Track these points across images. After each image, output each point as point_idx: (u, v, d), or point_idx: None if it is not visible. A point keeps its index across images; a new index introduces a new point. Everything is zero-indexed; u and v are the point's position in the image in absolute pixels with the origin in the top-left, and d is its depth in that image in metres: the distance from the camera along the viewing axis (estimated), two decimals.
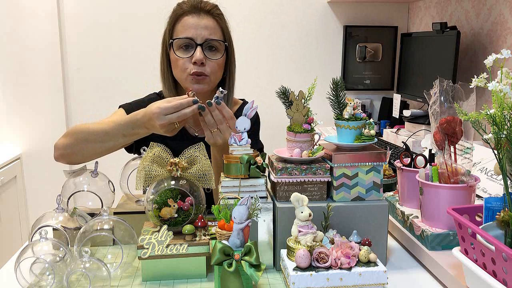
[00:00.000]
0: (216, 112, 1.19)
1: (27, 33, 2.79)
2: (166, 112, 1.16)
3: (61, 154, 1.35)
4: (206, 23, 1.37)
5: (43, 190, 2.87)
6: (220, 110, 1.19)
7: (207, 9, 1.38)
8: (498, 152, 0.92)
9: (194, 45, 1.35)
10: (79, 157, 1.35)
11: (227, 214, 1.00)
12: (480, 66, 2.29)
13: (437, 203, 1.16)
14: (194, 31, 1.35)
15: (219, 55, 1.39)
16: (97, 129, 1.30)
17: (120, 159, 1.44)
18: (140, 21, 2.85)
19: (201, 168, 1.12)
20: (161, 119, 1.16)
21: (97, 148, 1.31)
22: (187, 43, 1.36)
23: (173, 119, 1.17)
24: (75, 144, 1.32)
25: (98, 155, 1.34)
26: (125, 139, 1.28)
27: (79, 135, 1.32)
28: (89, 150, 1.32)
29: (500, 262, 0.83)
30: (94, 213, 1.27)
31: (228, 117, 1.20)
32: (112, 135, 1.27)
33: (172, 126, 1.19)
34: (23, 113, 2.87)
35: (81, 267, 1.00)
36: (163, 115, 1.16)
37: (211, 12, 1.39)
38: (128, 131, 1.25)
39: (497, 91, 0.88)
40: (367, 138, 1.11)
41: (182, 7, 1.39)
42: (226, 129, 1.20)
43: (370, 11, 3.04)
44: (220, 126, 1.20)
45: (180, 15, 1.38)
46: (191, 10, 1.37)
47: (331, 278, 0.94)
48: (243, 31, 2.94)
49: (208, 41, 1.36)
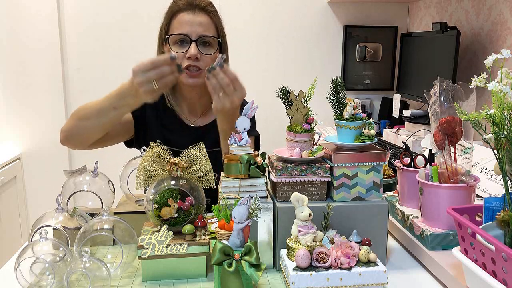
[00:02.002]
0: (221, 75, 1.21)
1: (27, 33, 2.79)
2: (143, 68, 1.17)
3: (64, 136, 1.39)
4: (201, 20, 1.40)
5: (43, 190, 2.87)
6: (224, 72, 1.21)
7: (202, 6, 1.42)
8: (498, 152, 0.92)
9: (189, 41, 1.38)
10: (80, 137, 1.37)
11: (227, 214, 1.00)
12: (480, 66, 2.29)
13: (437, 203, 1.16)
14: (189, 28, 1.38)
15: (212, 51, 1.42)
16: (91, 106, 1.32)
17: (120, 159, 1.45)
18: (140, 21, 2.85)
19: (201, 168, 1.12)
20: (139, 76, 1.17)
21: (93, 125, 1.32)
22: (182, 39, 1.40)
23: (151, 77, 1.17)
24: (74, 124, 1.36)
25: (96, 133, 1.35)
26: (116, 112, 1.29)
27: (78, 114, 1.35)
28: (87, 128, 1.34)
29: (500, 262, 0.83)
30: (94, 213, 1.27)
31: (232, 78, 1.22)
32: (104, 109, 1.29)
33: (151, 87, 1.17)
34: (23, 113, 2.87)
35: (81, 267, 1.00)
36: (141, 72, 1.17)
37: (205, 9, 1.42)
38: (118, 102, 1.26)
39: (497, 91, 0.88)
40: (367, 138, 1.11)
41: (178, 4, 1.42)
42: (232, 91, 1.22)
43: (370, 11, 3.04)
44: (226, 89, 1.22)
45: (176, 12, 1.42)
46: (187, 7, 1.41)
47: (331, 278, 0.94)
48: (243, 31, 2.94)
49: (202, 37, 1.39)
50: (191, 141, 1.21)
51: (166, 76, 1.18)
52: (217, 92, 1.21)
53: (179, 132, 1.51)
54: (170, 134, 1.52)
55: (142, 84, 1.17)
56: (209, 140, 1.38)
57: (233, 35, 1.49)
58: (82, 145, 1.40)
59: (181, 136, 1.51)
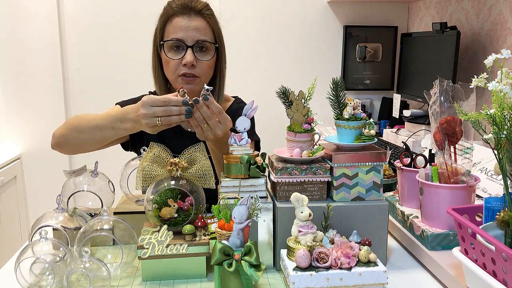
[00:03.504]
0: (204, 108, 1.17)
1: (27, 33, 2.79)
2: (154, 103, 1.15)
3: (56, 142, 1.39)
4: (197, 24, 1.37)
5: (43, 190, 2.87)
6: (208, 106, 1.18)
7: (198, 9, 1.38)
8: (498, 152, 0.92)
9: (184, 47, 1.36)
10: (71, 147, 1.37)
11: (227, 214, 1.00)
12: (480, 66, 2.29)
13: (437, 203, 1.16)
14: (185, 33, 1.35)
15: (209, 56, 1.39)
16: (89, 119, 1.31)
17: (120, 159, 1.45)
18: (140, 21, 2.85)
19: (201, 168, 1.12)
20: (147, 109, 1.15)
21: (86, 139, 1.32)
22: (177, 44, 1.37)
23: (158, 112, 1.15)
24: (68, 133, 1.35)
25: (89, 146, 1.35)
26: (113, 132, 1.27)
27: (73, 124, 1.35)
28: (80, 140, 1.33)
29: (500, 262, 0.83)
30: (94, 213, 1.27)
31: (216, 112, 1.19)
32: (101, 127, 1.28)
33: (155, 122, 1.16)
34: (23, 113, 2.87)
35: (81, 267, 1.00)
36: (149, 105, 1.15)
37: (201, 12, 1.38)
38: (117, 124, 1.25)
39: (497, 91, 0.88)
40: (367, 138, 1.11)
41: (172, 7, 1.38)
42: (215, 124, 1.19)
43: (370, 11, 3.04)
44: (209, 122, 1.19)
45: (171, 16, 1.38)
46: (182, 11, 1.37)
47: (331, 278, 0.94)
48: (244, 31, 2.94)
49: (198, 43, 1.36)
50: (188, 145, 1.20)
51: (172, 115, 1.16)
52: (201, 124, 1.19)
53: (176, 137, 1.49)
54: (167, 139, 1.50)
55: (146, 116, 1.15)
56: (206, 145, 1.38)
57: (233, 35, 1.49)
58: (72, 153, 1.42)
59: (178, 141, 1.50)
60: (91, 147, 1.35)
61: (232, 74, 1.58)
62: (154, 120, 1.15)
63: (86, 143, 1.34)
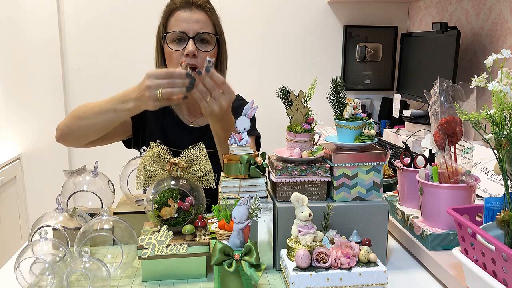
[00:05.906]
0: (207, 79, 1.20)
1: (27, 32, 2.79)
2: (158, 75, 1.18)
3: (60, 134, 1.40)
4: (198, 17, 1.41)
5: (43, 190, 2.87)
6: (211, 77, 1.20)
7: (199, 3, 1.43)
8: (498, 152, 0.92)
9: (186, 39, 1.39)
10: (75, 136, 1.38)
11: (227, 214, 1.00)
12: (480, 66, 2.29)
13: (437, 203, 1.16)
14: (187, 25, 1.39)
15: (210, 47, 1.43)
16: (93, 106, 1.33)
17: (120, 159, 1.44)
18: (140, 21, 2.85)
19: (201, 168, 1.12)
20: (151, 81, 1.18)
21: (90, 125, 1.33)
22: (180, 36, 1.40)
23: (161, 84, 1.17)
24: (72, 122, 1.37)
25: (92, 133, 1.36)
26: (115, 115, 1.29)
27: (77, 112, 1.36)
28: (83, 127, 1.34)
29: (500, 262, 0.83)
30: (94, 213, 1.27)
31: (219, 83, 1.21)
32: (104, 110, 1.29)
33: (156, 94, 1.18)
34: (23, 113, 2.87)
35: (81, 267, 1.00)
36: (154, 77, 1.18)
37: (202, 6, 1.43)
38: (119, 105, 1.27)
39: (497, 91, 0.88)
40: (367, 138, 1.11)
41: (175, 2, 1.43)
42: (219, 95, 1.22)
43: (370, 11, 3.04)
44: (213, 93, 1.21)
45: (173, 10, 1.43)
46: (184, 5, 1.42)
47: (331, 278, 0.94)
48: (243, 31, 2.94)
49: (199, 34, 1.40)
50: (191, 141, 1.21)
51: (174, 88, 1.18)
52: (205, 96, 1.21)
53: (178, 133, 1.51)
54: (170, 134, 1.52)
55: (150, 88, 1.18)
56: (208, 140, 1.38)
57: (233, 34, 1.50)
58: (77, 143, 1.41)
59: (180, 137, 1.51)
60: (94, 133, 1.36)
61: (232, 74, 1.59)
62: (156, 95, 1.18)
63: (89, 130, 1.35)
